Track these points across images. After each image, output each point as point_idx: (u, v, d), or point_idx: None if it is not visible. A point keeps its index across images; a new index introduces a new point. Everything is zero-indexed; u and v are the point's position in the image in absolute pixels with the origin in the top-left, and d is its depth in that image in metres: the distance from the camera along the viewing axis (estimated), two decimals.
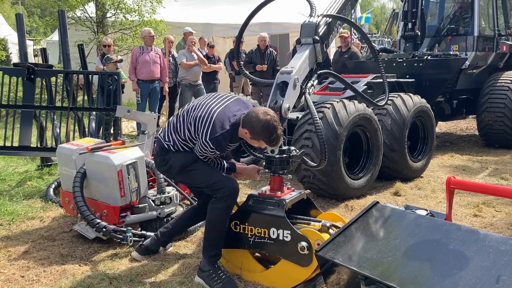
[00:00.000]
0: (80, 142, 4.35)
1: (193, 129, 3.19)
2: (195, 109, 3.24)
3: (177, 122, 3.32)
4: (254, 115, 3.08)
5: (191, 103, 3.39)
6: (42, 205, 4.96)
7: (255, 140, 3.16)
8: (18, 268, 3.56)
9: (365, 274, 2.49)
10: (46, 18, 16.91)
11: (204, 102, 3.28)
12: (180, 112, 3.39)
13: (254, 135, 3.11)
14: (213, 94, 3.43)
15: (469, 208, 4.93)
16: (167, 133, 3.36)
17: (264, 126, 3.04)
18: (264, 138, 3.10)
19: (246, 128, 3.11)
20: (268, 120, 3.04)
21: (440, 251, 2.49)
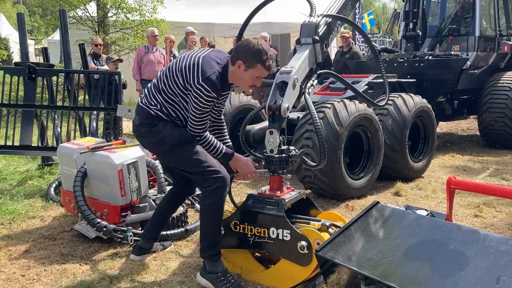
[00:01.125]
0: (81, 142, 4.35)
1: (182, 79, 3.02)
2: (178, 63, 3.10)
3: (160, 82, 3.12)
4: (243, 44, 3.07)
5: (170, 63, 3.26)
6: (43, 204, 4.96)
7: (251, 69, 3.04)
8: (19, 267, 3.56)
9: (365, 274, 2.49)
10: (48, 18, 16.90)
11: (185, 55, 3.16)
12: (160, 73, 3.19)
13: (249, 62, 3.02)
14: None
15: (470, 208, 4.92)
16: (150, 96, 3.12)
17: (256, 47, 3.00)
18: (260, 61, 3.02)
19: (239, 58, 3.02)
20: (256, 41, 3.05)
21: (440, 251, 2.48)
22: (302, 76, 3.65)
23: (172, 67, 3.12)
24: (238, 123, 6.28)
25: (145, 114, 3.12)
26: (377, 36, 27.54)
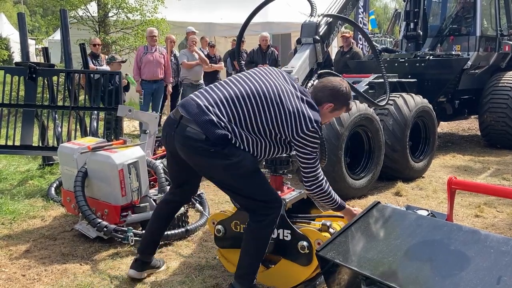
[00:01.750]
0: (81, 141, 4.35)
1: (279, 130, 2.78)
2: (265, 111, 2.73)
3: (240, 112, 2.71)
4: (335, 86, 2.91)
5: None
6: (44, 204, 4.96)
7: (337, 111, 3.01)
8: (19, 267, 3.56)
9: (366, 274, 2.49)
10: (48, 17, 16.91)
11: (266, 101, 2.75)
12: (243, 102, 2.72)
13: (338, 105, 2.96)
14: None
15: (471, 208, 4.92)
16: (223, 120, 2.68)
17: (345, 91, 2.94)
18: (347, 102, 2.99)
19: (330, 102, 2.91)
20: (344, 85, 2.96)
21: (441, 252, 2.48)
22: (303, 76, 3.65)
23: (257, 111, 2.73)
24: None
25: (220, 135, 2.66)
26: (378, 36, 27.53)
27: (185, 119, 2.73)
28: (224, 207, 4.97)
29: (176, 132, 2.77)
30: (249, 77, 2.85)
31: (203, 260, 3.63)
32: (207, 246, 3.93)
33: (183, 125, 2.74)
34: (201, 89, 2.93)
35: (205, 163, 2.76)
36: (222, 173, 2.78)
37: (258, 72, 2.91)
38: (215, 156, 2.68)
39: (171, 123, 2.85)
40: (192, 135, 2.69)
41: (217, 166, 2.73)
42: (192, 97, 2.82)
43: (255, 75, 2.88)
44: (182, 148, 2.79)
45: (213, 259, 3.65)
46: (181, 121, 2.76)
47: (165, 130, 2.91)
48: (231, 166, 2.71)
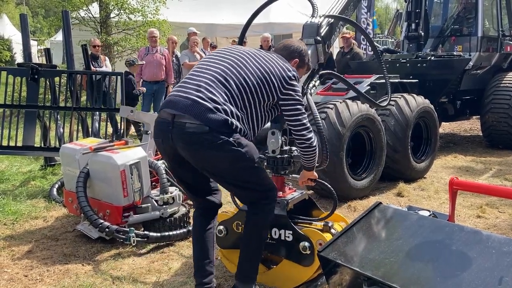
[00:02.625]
0: (83, 142, 4.36)
1: (265, 91, 2.74)
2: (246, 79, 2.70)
3: (230, 89, 2.65)
4: (290, 44, 3.06)
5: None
6: (46, 204, 4.98)
7: (301, 69, 3.08)
8: (22, 267, 3.57)
9: (368, 275, 2.49)
10: (50, 18, 16.95)
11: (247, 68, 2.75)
12: (231, 79, 2.68)
13: (301, 62, 3.04)
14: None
15: (473, 209, 4.91)
16: (219, 102, 2.59)
17: (304, 49, 3.09)
18: (307, 60, 3.11)
19: (294, 58, 2.99)
20: (299, 42, 3.14)
21: (442, 252, 2.48)
22: (305, 76, 3.65)
23: (241, 81, 2.69)
24: None
25: (220, 122, 2.55)
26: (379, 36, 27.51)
27: (179, 116, 2.59)
28: (226, 207, 4.95)
29: (174, 133, 2.62)
30: (219, 56, 2.83)
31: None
32: None
33: (179, 123, 2.59)
34: (179, 84, 2.78)
35: (212, 156, 2.62)
36: (227, 166, 2.68)
37: (224, 49, 2.93)
38: (223, 148, 2.57)
39: (163, 127, 2.67)
40: (194, 130, 2.56)
41: (224, 159, 2.62)
42: (175, 93, 2.69)
43: (223, 52, 2.88)
44: (185, 147, 2.64)
45: (214, 260, 3.64)
46: (175, 120, 2.61)
47: (159, 137, 2.73)
48: (239, 157, 2.62)
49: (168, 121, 2.64)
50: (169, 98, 2.71)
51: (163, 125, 2.68)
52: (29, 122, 5.87)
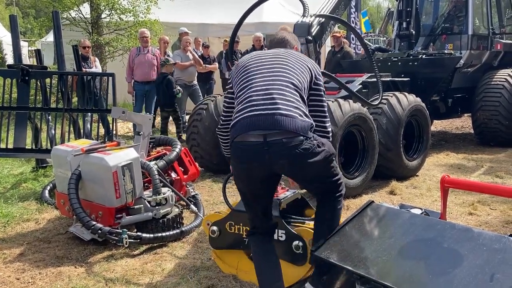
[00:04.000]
0: (75, 144, 4.33)
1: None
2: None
3: (297, 90, 2.62)
4: (284, 34, 3.06)
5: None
6: (38, 207, 4.94)
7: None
8: (14, 270, 3.55)
9: (360, 274, 2.49)
10: (41, 19, 16.82)
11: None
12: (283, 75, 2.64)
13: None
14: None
15: (464, 206, 4.94)
16: (301, 106, 2.57)
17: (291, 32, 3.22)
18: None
19: (295, 45, 3.06)
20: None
21: (434, 250, 2.49)
22: None
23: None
24: None
25: (307, 127, 2.52)
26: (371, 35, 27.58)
27: (272, 134, 2.47)
28: (219, 207, 4.96)
29: (272, 152, 2.48)
30: (260, 61, 2.75)
31: (198, 261, 3.63)
32: (202, 247, 3.92)
33: (276, 141, 2.46)
34: (244, 104, 2.58)
35: (314, 163, 2.56)
36: (322, 167, 2.64)
37: (257, 55, 2.84)
38: (317, 151, 2.55)
39: (256, 150, 2.50)
40: (294, 143, 2.47)
41: (320, 162, 2.58)
42: (250, 114, 2.52)
43: (261, 57, 2.80)
44: (290, 162, 2.54)
45: (208, 260, 3.65)
46: (269, 139, 2.46)
47: (251, 160, 2.54)
48: (328, 156, 2.63)
49: (260, 142, 2.48)
50: (248, 120, 2.51)
51: (256, 148, 2.50)
52: (20, 124, 5.83)
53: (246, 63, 2.78)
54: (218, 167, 6.15)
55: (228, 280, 3.29)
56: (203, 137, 6.08)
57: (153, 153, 4.78)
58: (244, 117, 2.53)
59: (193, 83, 9.74)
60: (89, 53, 8.93)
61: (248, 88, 2.63)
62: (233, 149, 2.60)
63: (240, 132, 2.52)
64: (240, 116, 2.54)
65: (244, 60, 2.82)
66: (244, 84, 2.67)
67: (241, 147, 2.55)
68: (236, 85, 2.73)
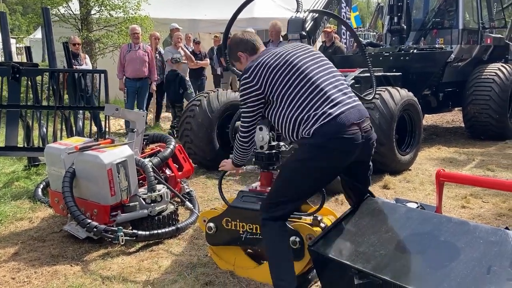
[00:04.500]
0: (68, 142, 4.30)
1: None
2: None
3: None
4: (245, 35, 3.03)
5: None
6: (31, 205, 4.90)
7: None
8: (9, 270, 3.52)
9: (358, 268, 2.51)
10: (29, 16, 16.61)
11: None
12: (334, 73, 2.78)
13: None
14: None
15: (457, 199, 4.99)
16: (354, 96, 2.79)
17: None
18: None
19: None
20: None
21: (431, 243, 2.52)
22: None
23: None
24: (226, 119, 6.28)
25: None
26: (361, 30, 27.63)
27: (362, 122, 2.65)
28: (214, 204, 4.96)
29: (365, 139, 2.67)
30: (302, 56, 2.78)
31: (194, 258, 3.63)
32: (198, 244, 3.92)
33: (367, 128, 2.70)
34: (320, 95, 2.62)
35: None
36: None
37: (293, 48, 2.85)
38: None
39: (357, 138, 2.60)
40: (371, 128, 2.78)
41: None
42: (333, 109, 2.57)
43: (296, 51, 2.82)
44: (370, 146, 2.78)
45: (204, 257, 3.65)
46: (363, 127, 2.65)
47: (354, 149, 2.63)
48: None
49: (358, 131, 2.61)
50: (344, 114, 2.58)
51: (357, 137, 2.60)
52: (11, 122, 5.77)
53: (284, 60, 2.71)
54: (211, 163, 6.13)
55: (226, 277, 3.29)
56: (196, 133, 6.06)
57: (147, 150, 4.76)
58: (338, 110, 2.57)
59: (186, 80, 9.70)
60: (79, 50, 8.86)
61: (311, 84, 2.64)
62: (335, 142, 2.55)
63: (340, 125, 2.55)
64: (328, 111, 2.55)
65: (275, 58, 2.73)
66: (300, 81, 2.65)
67: (346, 137, 2.56)
68: (280, 85, 2.66)
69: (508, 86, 7.91)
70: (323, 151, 2.56)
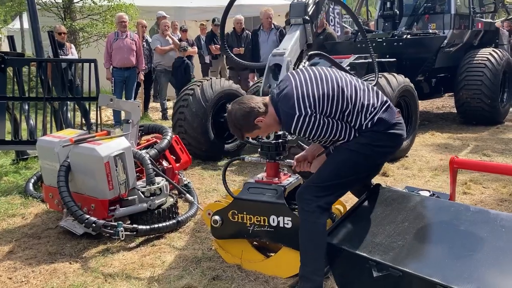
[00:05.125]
0: (61, 134, 4.13)
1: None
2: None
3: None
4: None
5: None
6: (22, 201, 4.72)
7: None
8: (4, 269, 3.36)
9: (376, 260, 2.44)
10: (7, 5, 16.11)
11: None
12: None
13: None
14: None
15: (457, 185, 4.91)
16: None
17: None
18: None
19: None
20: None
21: (451, 233, 2.45)
22: (295, 58, 3.55)
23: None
24: (220, 108, 6.15)
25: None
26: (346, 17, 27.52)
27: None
28: (212, 195, 4.86)
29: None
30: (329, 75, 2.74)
31: (198, 251, 3.52)
32: (200, 237, 3.81)
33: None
34: (369, 99, 2.67)
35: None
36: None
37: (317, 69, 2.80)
38: None
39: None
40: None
41: None
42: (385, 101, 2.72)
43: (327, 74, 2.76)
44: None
45: (208, 250, 3.54)
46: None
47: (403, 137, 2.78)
48: None
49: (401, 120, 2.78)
50: (390, 107, 2.72)
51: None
52: None
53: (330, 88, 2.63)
54: (207, 154, 6.02)
55: (233, 270, 3.19)
56: (190, 123, 5.91)
57: (143, 142, 4.61)
58: (387, 105, 2.70)
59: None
60: (65, 40, 8.60)
61: (356, 96, 2.66)
62: (394, 132, 2.67)
63: (393, 112, 2.71)
64: (383, 106, 2.67)
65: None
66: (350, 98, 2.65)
67: (400, 127, 2.71)
68: (342, 105, 2.62)
69: (500, 71, 7.91)
70: (387, 136, 2.65)
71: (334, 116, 2.59)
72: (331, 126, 2.57)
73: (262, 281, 3.08)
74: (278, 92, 2.65)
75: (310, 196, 2.61)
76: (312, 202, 2.60)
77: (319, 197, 2.60)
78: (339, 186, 2.68)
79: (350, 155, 2.63)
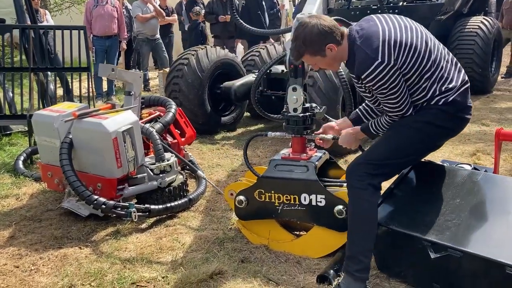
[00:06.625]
0: (59, 108, 3.78)
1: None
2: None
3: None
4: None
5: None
6: (13, 180, 4.39)
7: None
8: (8, 256, 3.08)
9: (432, 240, 2.29)
10: None
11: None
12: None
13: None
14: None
15: (466, 156, 4.88)
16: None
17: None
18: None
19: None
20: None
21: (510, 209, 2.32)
22: None
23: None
24: (216, 79, 5.87)
25: None
26: None
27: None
28: (217, 171, 4.65)
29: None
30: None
31: (219, 232, 3.31)
32: (216, 216, 3.60)
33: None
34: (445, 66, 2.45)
35: None
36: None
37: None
38: None
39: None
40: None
41: None
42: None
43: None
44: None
45: (229, 230, 3.34)
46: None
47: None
48: None
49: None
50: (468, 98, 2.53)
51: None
52: None
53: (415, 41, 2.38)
54: (203, 127, 5.75)
55: (261, 251, 3.01)
56: (186, 95, 5.61)
57: (145, 115, 4.30)
58: (466, 86, 2.51)
59: (156, 37, 9.10)
60: (38, 5, 8.02)
61: (439, 63, 2.46)
62: (465, 116, 2.50)
63: (467, 97, 2.52)
64: (462, 86, 2.47)
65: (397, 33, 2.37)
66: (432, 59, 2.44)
67: (470, 111, 2.54)
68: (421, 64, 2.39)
69: (491, 39, 7.83)
70: (456, 119, 2.48)
71: (411, 76, 2.35)
72: (400, 91, 2.34)
73: (293, 262, 2.91)
74: (360, 29, 2.39)
75: (363, 173, 2.42)
76: (365, 179, 2.41)
77: (372, 175, 2.41)
78: (395, 165, 2.50)
79: (412, 133, 2.43)
